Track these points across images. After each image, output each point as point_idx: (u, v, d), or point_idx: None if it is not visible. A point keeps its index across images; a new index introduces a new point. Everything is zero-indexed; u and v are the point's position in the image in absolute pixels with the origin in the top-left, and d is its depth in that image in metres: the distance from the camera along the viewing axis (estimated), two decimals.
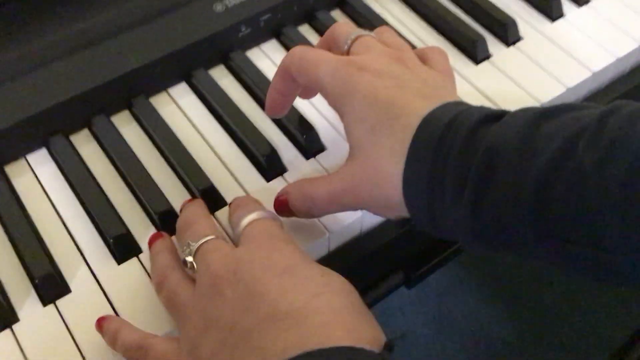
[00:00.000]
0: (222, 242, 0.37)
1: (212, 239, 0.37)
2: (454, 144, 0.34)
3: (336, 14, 0.57)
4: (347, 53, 0.42)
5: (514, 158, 0.32)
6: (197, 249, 0.37)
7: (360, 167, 0.38)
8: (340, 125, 0.49)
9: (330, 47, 0.44)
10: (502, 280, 1.24)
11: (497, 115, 0.35)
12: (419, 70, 0.40)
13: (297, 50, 0.42)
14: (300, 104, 0.50)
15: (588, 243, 0.31)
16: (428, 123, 0.35)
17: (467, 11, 0.57)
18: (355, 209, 0.40)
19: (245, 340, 0.32)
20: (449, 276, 1.26)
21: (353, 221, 0.45)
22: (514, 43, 0.54)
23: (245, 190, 0.46)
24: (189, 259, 0.37)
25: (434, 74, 0.40)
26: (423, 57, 0.43)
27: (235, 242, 0.39)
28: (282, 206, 0.41)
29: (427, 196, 0.35)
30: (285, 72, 0.42)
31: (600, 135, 0.30)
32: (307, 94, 0.47)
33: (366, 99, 0.37)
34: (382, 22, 0.55)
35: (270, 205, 0.42)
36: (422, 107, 0.36)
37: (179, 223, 0.41)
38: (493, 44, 0.54)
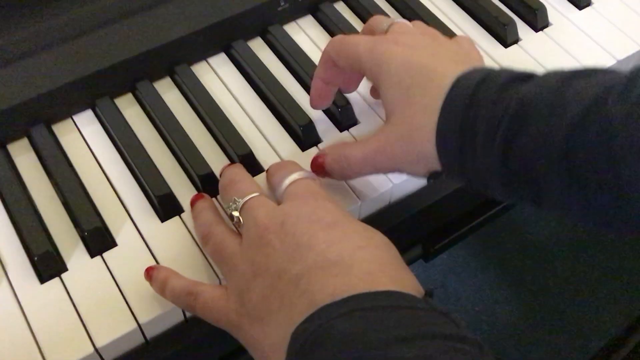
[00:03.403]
0: (266, 199, 0.39)
1: (257, 195, 0.39)
2: (486, 96, 0.37)
3: None
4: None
5: (546, 109, 0.35)
6: (244, 204, 0.39)
7: (394, 126, 0.41)
8: (372, 101, 0.51)
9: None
10: (507, 264, 1.27)
11: (527, 75, 0.38)
12: (450, 45, 0.43)
13: (338, 36, 0.45)
14: None
15: (609, 189, 0.33)
16: (461, 81, 0.38)
17: None
18: (388, 170, 0.43)
19: (294, 285, 0.34)
20: (454, 257, 1.28)
21: (384, 192, 0.47)
22: (542, 28, 0.56)
23: (280, 158, 0.48)
24: (236, 213, 0.39)
25: (464, 49, 0.44)
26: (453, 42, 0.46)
27: (277, 202, 0.41)
28: (319, 166, 0.44)
29: (459, 144, 0.37)
30: (327, 59, 0.45)
31: (629, 92, 0.33)
32: (349, 84, 0.49)
33: (402, 65, 0.41)
34: (416, 2, 0.57)
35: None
36: (454, 70, 0.39)
37: (224, 181, 0.43)
38: (522, 29, 0.56)
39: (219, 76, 0.53)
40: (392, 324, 0.30)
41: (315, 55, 0.54)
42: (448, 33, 0.54)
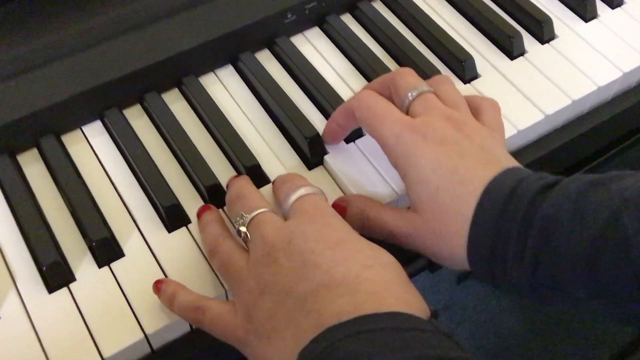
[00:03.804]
0: (274, 215, 0.40)
1: (265, 211, 0.40)
2: (517, 212, 0.38)
3: (378, 5, 0.59)
4: (407, 108, 0.45)
5: (567, 226, 0.36)
6: (251, 220, 0.39)
7: (424, 222, 0.41)
8: None
9: (390, 93, 0.46)
10: None
11: (554, 183, 0.39)
12: (475, 135, 0.42)
13: (365, 98, 0.45)
14: (342, 91, 0.53)
15: (635, 299, 0.35)
16: (491, 190, 0.39)
17: (504, 8, 0.59)
18: (408, 249, 0.43)
19: (300, 304, 0.34)
20: (466, 279, 1.28)
21: (389, 202, 0.47)
22: (548, 41, 0.56)
23: (287, 170, 0.49)
24: (243, 229, 0.40)
25: (488, 136, 0.43)
26: (476, 109, 0.45)
27: (283, 216, 0.42)
28: (339, 213, 0.43)
29: (490, 257, 0.38)
30: (349, 111, 0.46)
31: None
32: None
33: (430, 164, 0.40)
34: (420, 13, 0.57)
35: (310, 182, 0.45)
36: (483, 174, 0.40)
37: (231, 195, 0.44)
38: (528, 41, 0.56)
39: (226, 88, 0.54)
40: (397, 346, 0.30)
41: (321, 67, 0.54)
42: (455, 47, 0.54)
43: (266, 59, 0.55)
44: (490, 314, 1.22)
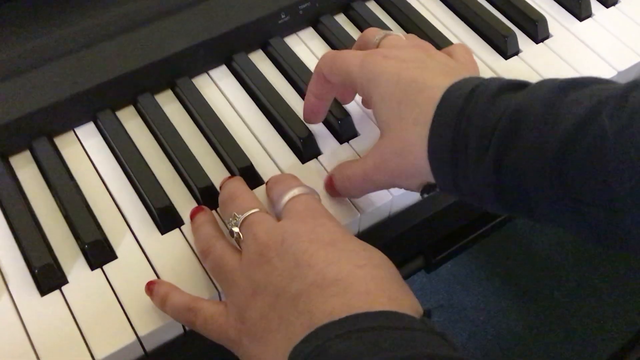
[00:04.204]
0: (266, 215, 0.40)
1: (257, 211, 0.40)
2: (477, 107, 0.36)
3: (372, 5, 0.59)
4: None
5: (539, 121, 0.34)
6: (243, 220, 0.39)
7: (388, 142, 0.41)
8: (371, 112, 0.51)
9: (362, 49, 0.46)
10: (512, 273, 1.27)
11: (519, 84, 0.37)
12: (441, 57, 0.43)
13: (329, 52, 0.45)
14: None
15: (601, 203, 0.33)
16: (451, 92, 0.38)
17: (498, 7, 0.59)
18: (386, 186, 0.43)
19: (293, 304, 0.34)
20: (460, 267, 1.28)
21: (383, 204, 0.47)
22: (543, 40, 0.56)
23: (281, 170, 0.48)
24: (235, 229, 0.39)
25: (455, 62, 0.43)
26: (447, 52, 0.46)
27: (276, 216, 0.41)
28: (330, 187, 0.45)
29: (451, 158, 0.37)
30: (319, 75, 0.45)
31: (623, 106, 0.33)
32: (344, 97, 0.50)
33: (391, 79, 0.40)
34: (414, 13, 0.57)
35: (306, 184, 0.45)
36: (443, 82, 0.39)
37: (223, 196, 0.44)
38: (522, 40, 0.56)
39: (220, 89, 0.53)
40: (388, 346, 0.30)
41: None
42: (447, 45, 0.54)
43: (260, 60, 0.55)
44: (489, 314, 1.22)
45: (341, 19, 0.58)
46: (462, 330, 1.21)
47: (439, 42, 0.54)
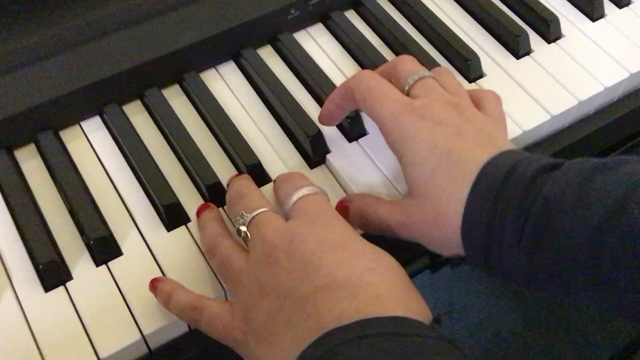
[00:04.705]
0: (275, 215, 0.39)
1: (265, 210, 0.39)
2: (514, 194, 0.36)
3: (383, 1, 0.58)
4: (407, 93, 0.44)
5: (570, 210, 0.35)
6: (251, 219, 0.39)
7: (419, 207, 0.40)
8: None
9: (391, 79, 0.45)
10: None
11: (553, 165, 0.37)
12: (475, 119, 0.42)
13: (365, 78, 0.43)
14: None
15: (636, 289, 0.33)
16: (487, 171, 0.38)
17: (510, 6, 0.58)
18: (407, 240, 0.42)
19: (300, 306, 0.34)
20: (460, 266, 1.27)
21: None
22: (555, 40, 0.56)
23: (288, 168, 0.48)
24: (243, 228, 0.39)
25: (488, 121, 0.42)
26: (477, 100, 0.44)
27: (284, 216, 0.41)
28: (343, 211, 0.44)
29: (485, 240, 0.37)
30: (347, 92, 0.44)
31: None
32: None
33: (426, 144, 0.39)
34: (426, 10, 0.56)
35: (312, 181, 0.44)
36: (480, 155, 0.38)
37: (231, 194, 0.43)
38: (534, 40, 0.55)
39: (227, 84, 0.53)
40: (399, 353, 0.29)
41: (324, 64, 0.54)
42: (460, 44, 0.54)
43: (268, 55, 0.54)
44: (489, 312, 1.22)
45: (351, 15, 0.57)
46: (461, 329, 1.20)
47: (451, 41, 0.54)
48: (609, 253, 0.33)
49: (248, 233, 0.39)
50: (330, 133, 0.50)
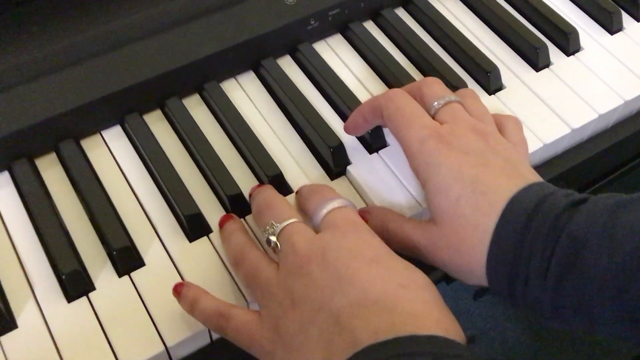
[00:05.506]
0: (305, 226, 0.39)
1: (296, 221, 0.39)
2: (541, 228, 0.36)
3: (401, 12, 0.58)
4: (433, 116, 0.44)
5: (596, 246, 0.35)
6: (282, 230, 0.39)
7: (442, 234, 0.40)
8: None
9: (416, 99, 0.45)
10: None
11: (580, 200, 0.37)
12: (500, 147, 0.42)
13: (396, 98, 0.44)
14: (364, 99, 0.52)
15: None
16: (515, 204, 0.38)
17: (529, 18, 0.58)
18: (427, 263, 0.42)
19: (334, 320, 0.33)
20: (484, 297, 1.27)
21: (413, 215, 0.46)
22: (574, 53, 0.56)
23: (309, 180, 0.48)
24: (273, 238, 0.39)
25: (513, 150, 0.43)
26: (499, 124, 0.45)
27: (314, 228, 0.41)
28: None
29: (510, 274, 0.37)
30: (376, 108, 0.45)
31: None
32: None
33: (452, 172, 0.39)
34: (445, 22, 0.56)
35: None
36: (507, 187, 0.38)
37: (260, 204, 0.43)
38: (553, 53, 0.55)
39: (247, 94, 0.53)
40: None
41: (343, 74, 0.54)
42: (480, 56, 0.54)
43: (288, 66, 0.54)
44: (496, 322, 1.21)
45: (370, 26, 0.57)
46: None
47: (471, 53, 0.54)
48: (636, 288, 0.34)
49: (278, 243, 0.39)
50: (351, 144, 0.50)
